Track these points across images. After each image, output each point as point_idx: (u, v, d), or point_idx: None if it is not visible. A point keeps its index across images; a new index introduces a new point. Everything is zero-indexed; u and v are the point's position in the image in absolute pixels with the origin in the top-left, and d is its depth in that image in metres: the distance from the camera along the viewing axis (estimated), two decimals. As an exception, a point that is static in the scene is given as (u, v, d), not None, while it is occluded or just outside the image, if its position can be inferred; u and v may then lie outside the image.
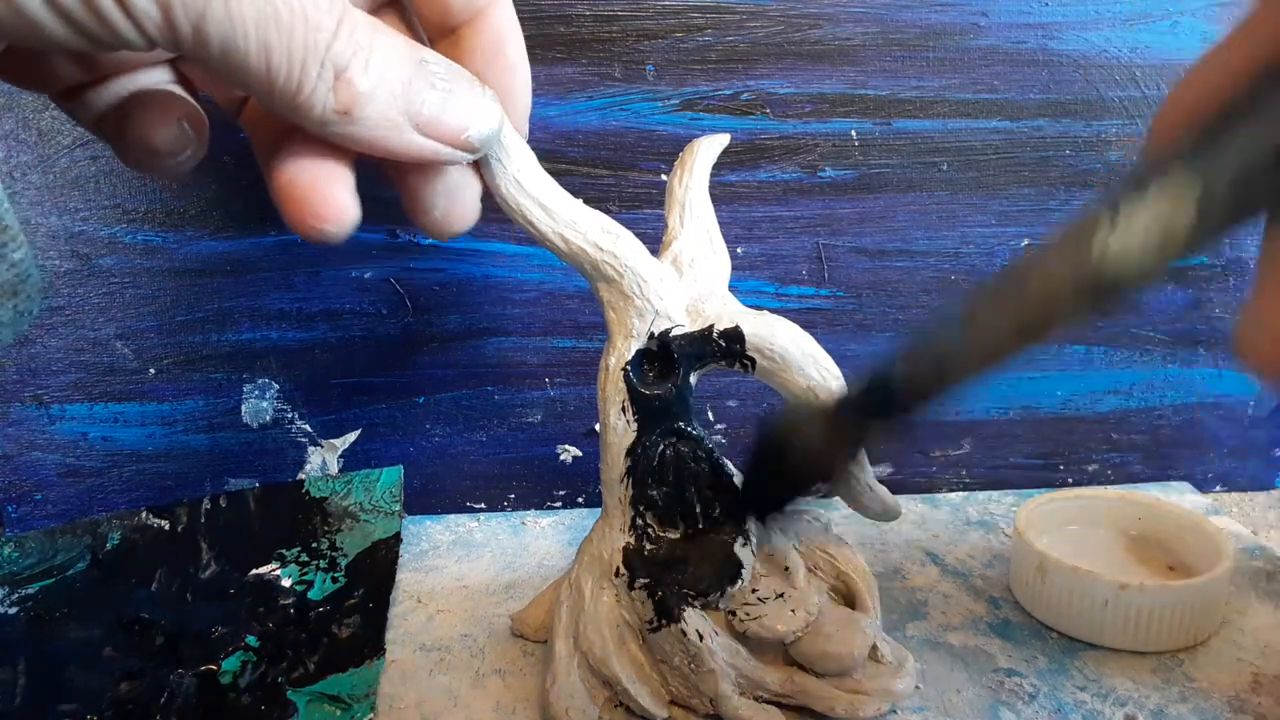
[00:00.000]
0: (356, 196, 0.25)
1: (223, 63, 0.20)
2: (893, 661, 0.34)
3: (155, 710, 0.35)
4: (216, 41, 0.20)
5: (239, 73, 0.20)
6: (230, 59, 0.20)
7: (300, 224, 0.24)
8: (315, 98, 0.21)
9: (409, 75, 0.23)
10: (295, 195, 0.24)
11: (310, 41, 0.21)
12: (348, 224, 0.24)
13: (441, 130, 0.24)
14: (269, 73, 0.21)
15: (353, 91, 0.22)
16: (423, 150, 0.24)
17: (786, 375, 0.33)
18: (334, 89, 0.21)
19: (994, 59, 0.45)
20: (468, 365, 0.48)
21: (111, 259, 0.45)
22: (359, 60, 0.22)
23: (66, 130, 0.43)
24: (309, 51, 0.21)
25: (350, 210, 0.24)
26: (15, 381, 0.45)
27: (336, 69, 0.21)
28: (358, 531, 0.46)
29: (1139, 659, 0.36)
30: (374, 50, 0.22)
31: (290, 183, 0.24)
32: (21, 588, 0.42)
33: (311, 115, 0.22)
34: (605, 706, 0.33)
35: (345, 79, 0.21)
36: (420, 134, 0.23)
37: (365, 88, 0.22)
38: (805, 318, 0.35)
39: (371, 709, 0.34)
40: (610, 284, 0.32)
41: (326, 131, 0.22)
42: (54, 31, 0.19)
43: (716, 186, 0.36)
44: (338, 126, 0.22)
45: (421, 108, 0.23)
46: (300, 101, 0.21)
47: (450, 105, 0.24)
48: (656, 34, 0.44)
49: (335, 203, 0.24)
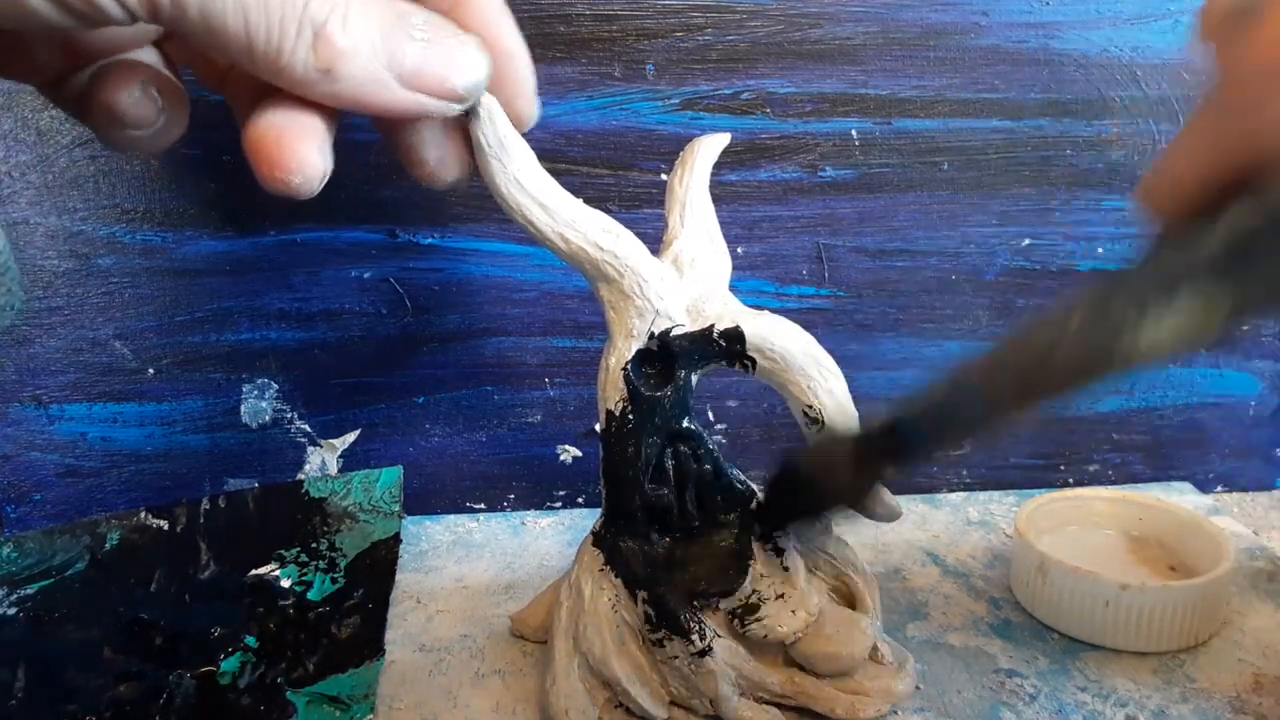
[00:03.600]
0: (327, 151, 0.24)
1: (203, 30, 0.20)
2: (893, 662, 0.34)
3: (154, 711, 0.35)
4: (195, 8, 0.20)
5: (219, 38, 0.21)
6: (209, 24, 0.20)
7: (263, 176, 0.24)
8: (296, 58, 0.21)
9: (388, 28, 0.23)
10: (258, 148, 0.23)
11: (287, 1, 0.21)
12: (313, 177, 0.24)
13: (425, 81, 0.24)
14: (248, 35, 0.21)
15: (333, 48, 0.22)
16: (407, 104, 0.24)
17: (787, 375, 0.33)
18: (314, 47, 0.21)
19: (995, 58, 0.45)
20: (467, 365, 0.48)
21: (110, 259, 0.45)
22: (337, 16, 0.22)
23: (65, 130, 0.43)
24: (286, 10, 0.21)
25: (314, 163, 0.24)
26: (14, 381, 0.45)
27: (315, 26, 0.21)
28: (357, 532, 0.46)
29: (1140, 659, 0.36)
30: (351, 5, 0.22)
31: (256, 136, 0.23)
32: (20, 588, 0.42)
33: (294, 76, 0.22)
34: (605, 707, 0.33)
35: (324, 36, 0.21)
36: (404, 87, 0.23)
37: (345, 44, 0.22)
38: (805, 318, 0.35)
39: (371, 710, 0.34)
40: (610, 284, 0.32)
41: (311, 92, 0.22)
42: (38, 9, 0.19)
43: (717, 186, 0.36)
44: (321, 86, 0.22)
45: (404, 60, 0.23)
46: (282, 63, 0.21)
47: (432, 55, 0.23)
48: (656, 33, 0.44)
49: (297, 154, 0.23)
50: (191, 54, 0.28)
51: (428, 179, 0.28)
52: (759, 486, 0.34)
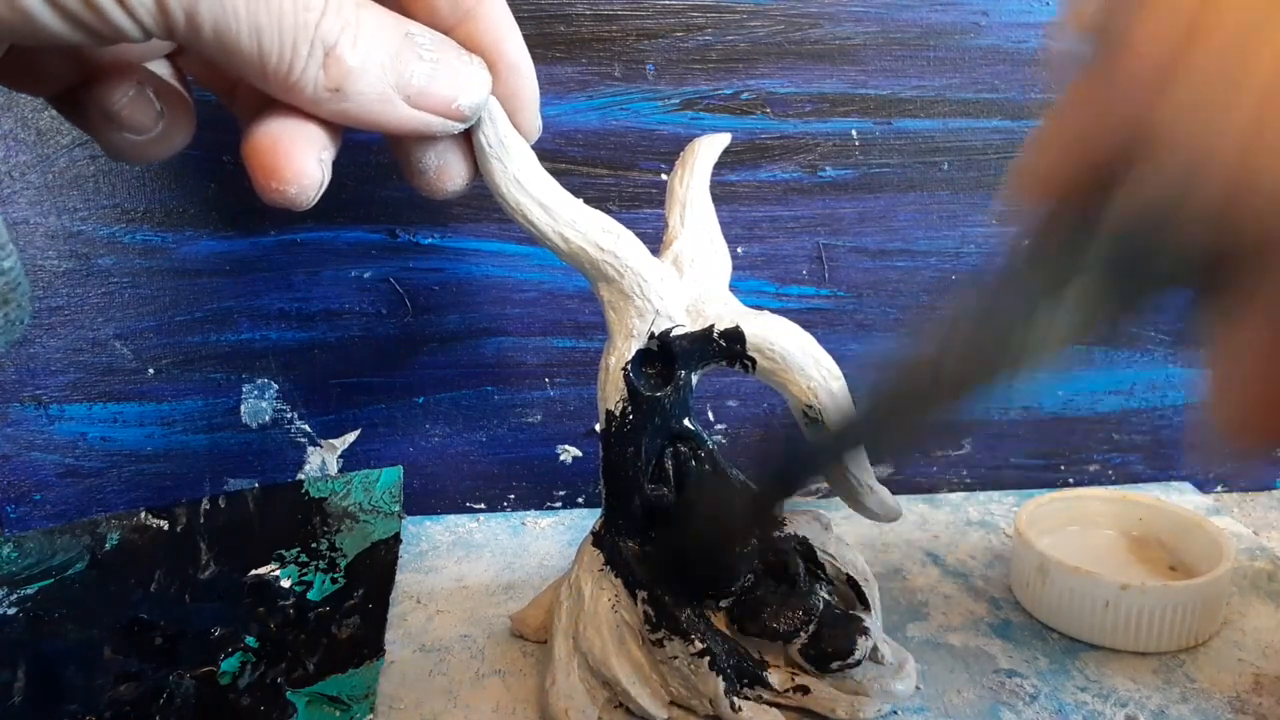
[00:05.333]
0: (326, 163, 0.24)
1: (217, 48, 0.21)
2: (893, 662, 0.34)
3: (154, 711, 0.35)
4: (209, 27, 0.20)
5: (232, 56, 0.21)
6: (223, 42, 0.20)
7: (260, 185, 0.24)
8: (306, 76, 0.22)
9: (397, 48, 0.23)
10: (257, 157, 0.24)
11: (300, 21, 0.21)
12: (308, 188, 0.24)
13: (431, 101, 0.24)
14: (261, 54, 0.21)
15: (343, 68, 0.22)
16: (414, 123, 0.24)
17: (787, 375, 0.33)
18: (324, 66, 0.22)
19: (995, 58, 0.45)
20: (467, 365, 0.48)
21: (110, 259, 0.44)
22: (347, 36, 0.22)
23: (65, 130, 0.43)
24: (299, 30, 0.21)
25: (311, 174, 0.24)
26: (14, 382, 0.45)
27: (326, 46, 0.22)
28: (357, 532, 0.46)
29: (1140, 659, 0.36)
30: (361, 25, 0.22)
31: (255, 146, 0.24)
32: (20, 588, 0.42)
33: (304, 95, 0.22)
34: (605, 707, 0.33)
35: (335, 55, 0.22)
36: (411, 106, 0.24)
37: (355, 63, 0.22)
38: (805, 318, 0.35)
39: (371, 709, 0.34)
40: (610, 284, 0.32)
41: (320, 110, 0.23)
42: (52, 27, 0.19)
43: (717, 186, 0.36)
44: (330, 104, 0.23)
45: (411, 80, 0.23)
46: (292, 82, 0.22)
47: (438, 76, 0.24)
48: (656, 33, 0.44)
49: (294, 165, 0.24)
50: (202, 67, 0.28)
51: (427, 189, 0.28)
52: None
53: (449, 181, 0.28)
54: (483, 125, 0.27)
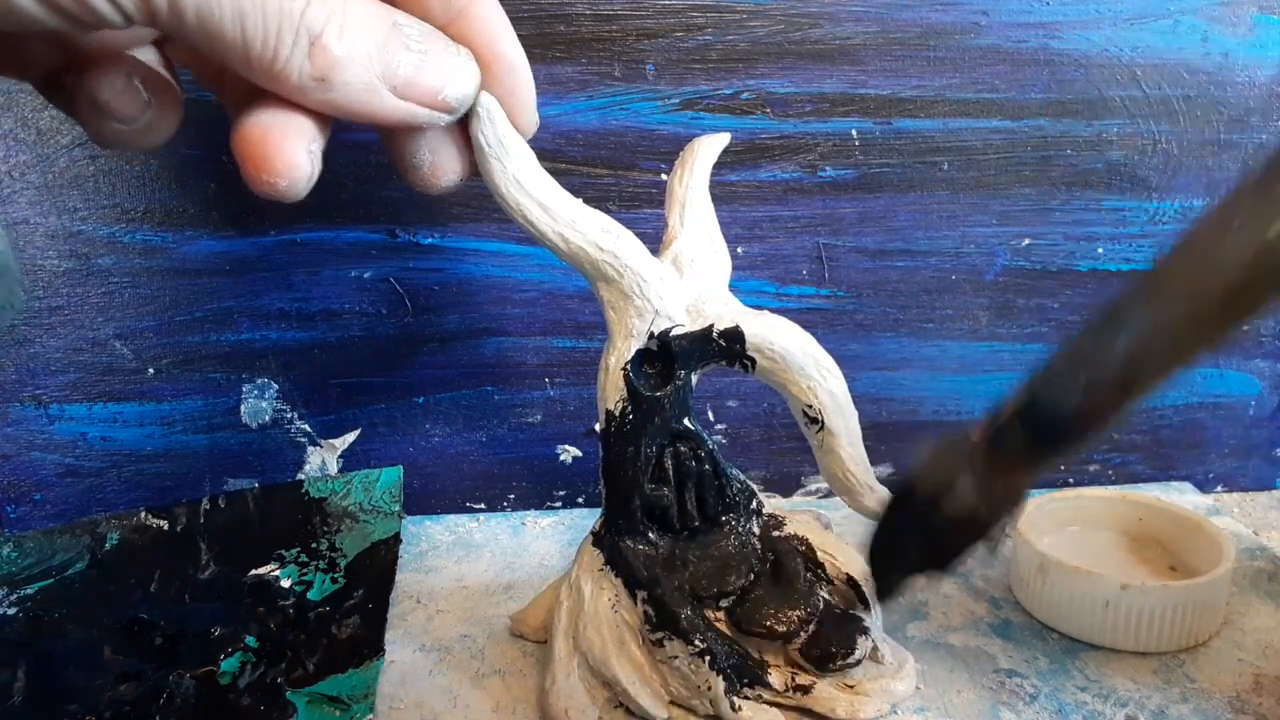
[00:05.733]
0: (316, 155, 0.24)
1: (200, 34, 0.20)
2: (893, 662, 0.34)
3: (154, 711, 0.35)
4: (192, 12, 0.20)
5: (215, 43, 0.21)
6: (206, 29, 0.20)
7: (249, 176, 0.24)
8: (291, 65, 0.22)
9: (383, 38, 0.23)
10: (247, 148, 0.23)
11: (284, 8, 0.21)
12: (298, 179, 0.24)
13: (418, 92, 0.24)
14: (244, 42, 0.21)
15: (328, 57, 0.22)
16: (400, 113, 0.24)
17: (787, 375, 0.33)
18: (309, 55, 0.22)
19: (994, 58, 0.45)
20: (467, 365, 0.48)
21: (110, 258, 0.44)
22: (333, 25, 0.22)
23: (65, 130, 0.43)
24: (283, 18, 0.21)
25: (300, 166, 0.24)
26: (14, 382, 0.45)
27: (311, 35, 0.21)
28: (357, 532, 0.46)
29: (1140, 659, 0.36)
30: (348, 14, 0.22)
31: (244, 137, 0.23)
32: (20, 588, 0.42)
33: (289, 83, 0.22)
34: (605, 707, 0.33)
35: (320, 45, 0.22)
36: (397, 97, 0.23)
37: (340, 53, 0.22)
38: (805, 318, 0.35)
39: (371, 710, 0.34)
40: (610, 284, 0.32)
41: (305, 99, 0.23)
42: (32, 12, 0.19)
43: (716, 186, 0.36)
44: (315, 93, 0.22)
45: (397, 70, 0.23)
46: (277, 70, 0.22)
47: (425, 67, 0.24)
48: (656, 33, 0.44)
49: (284, 156, 0.23)
50: (188, 54, 0.28)
51: (421, 184, 0.28)
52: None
53: (443, 177, 0.28)
54: (482, 125, 0.27)
